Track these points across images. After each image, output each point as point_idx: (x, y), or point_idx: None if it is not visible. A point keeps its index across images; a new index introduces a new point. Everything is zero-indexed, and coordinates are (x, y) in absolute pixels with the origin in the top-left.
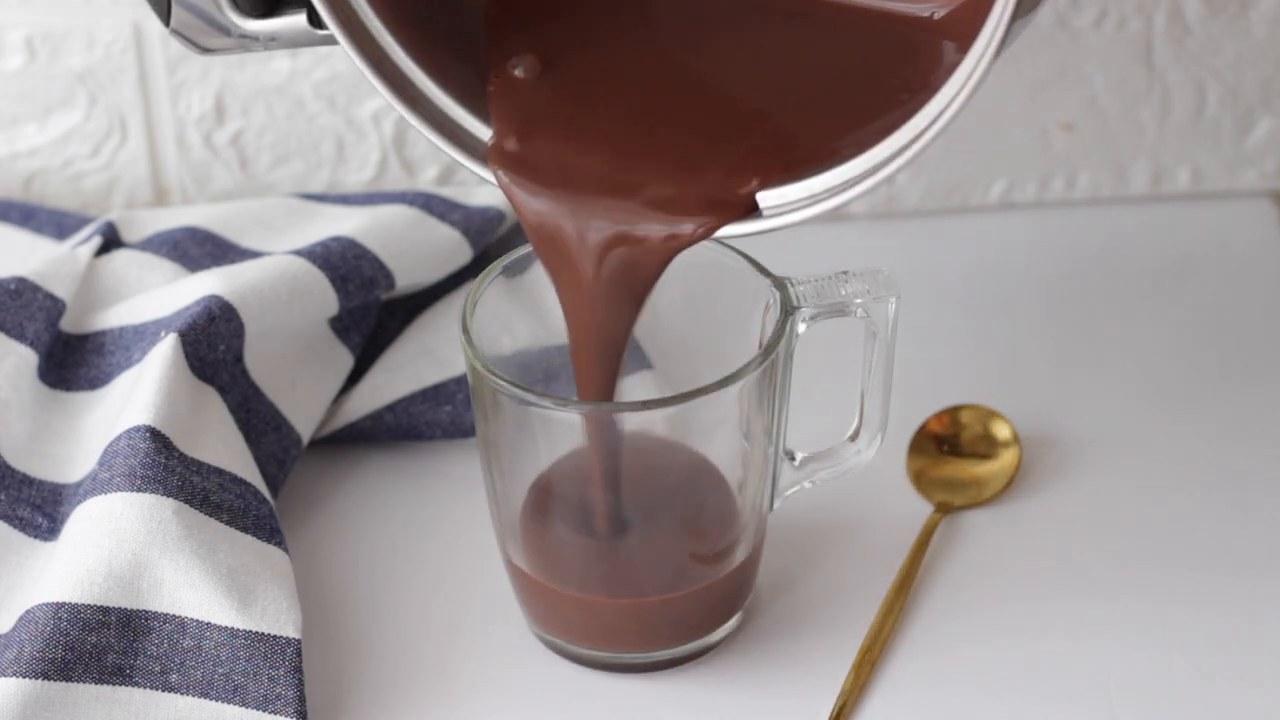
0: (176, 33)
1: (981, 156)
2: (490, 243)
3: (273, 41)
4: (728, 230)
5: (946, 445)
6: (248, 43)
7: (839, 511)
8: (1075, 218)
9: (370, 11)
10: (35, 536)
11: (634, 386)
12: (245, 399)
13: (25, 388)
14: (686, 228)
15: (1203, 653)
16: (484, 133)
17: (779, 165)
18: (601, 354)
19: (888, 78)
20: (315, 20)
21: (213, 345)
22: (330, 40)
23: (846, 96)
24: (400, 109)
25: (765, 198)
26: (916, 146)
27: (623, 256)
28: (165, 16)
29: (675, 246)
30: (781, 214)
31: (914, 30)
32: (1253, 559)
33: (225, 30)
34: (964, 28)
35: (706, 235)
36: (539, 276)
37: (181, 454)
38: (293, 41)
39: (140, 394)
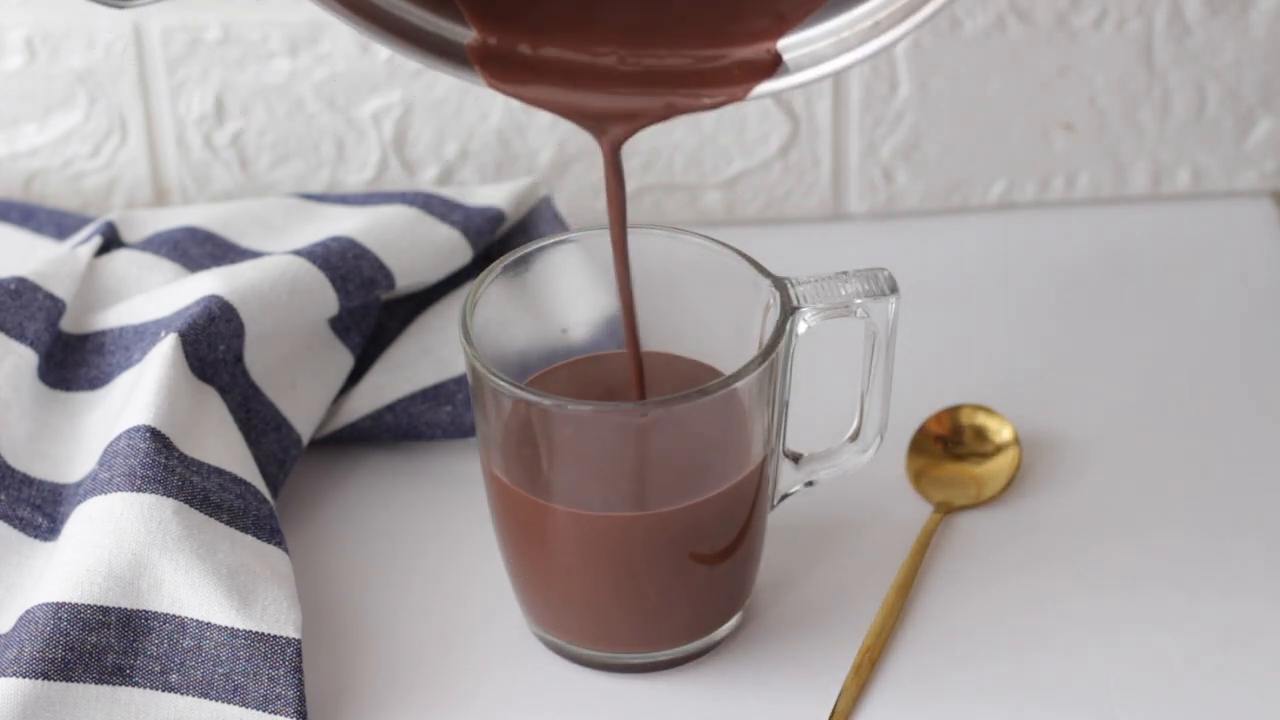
0: None
1: (981, 156)
2: (490, 243)
3: None
4: (761, 89)
5: (946, 445)
6: None
7: (839, 511)
8: (1075, 218)
9: None
10: (35, 536)
11: None
12: (245, 399)
13: (25, 388)
14: (717, 98)
15: (1203, 652)
16: (459, 34)
17: (788, 10)
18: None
19: None
20: None
21: (213, 345)
22: None
23: None
24: (359, 27)
25: (788, 48)
26: None
27: (645, 121)
28: None
29: (705, 109)
30: (812, 66)
31: None
32: (1253, 559)
33: None
34: None
35: (735, 100)
36: (539, 276)
37: (181, 454)
38: None
39: (140, 394)
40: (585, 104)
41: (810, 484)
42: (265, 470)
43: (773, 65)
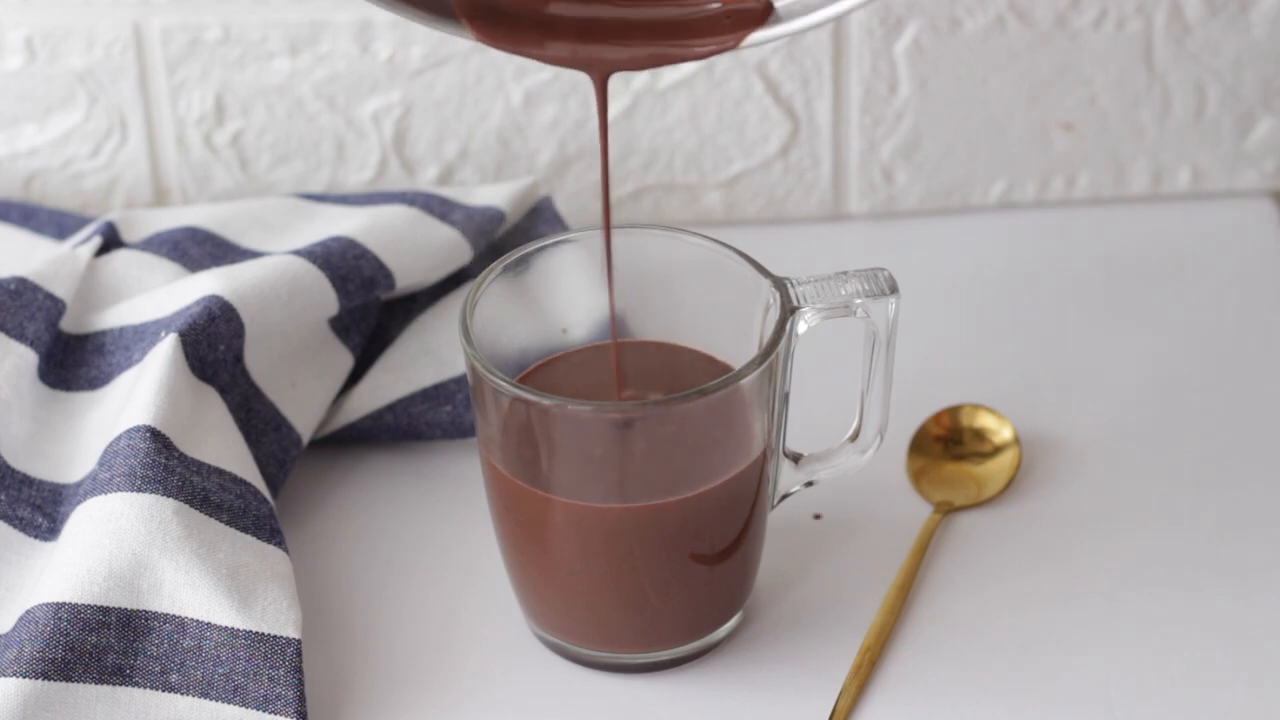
0: None
1: (981, 156)
2: (490, 243)
3: None
4: (754, 38)
5: (946, 445)
6: None
7: (839, 511)
8: (1075, 218)
9: None
10: (35, 536)
11: None
12: (245, 399)
13: (25, 388)
14: (708, 46)
15: (1202, 653)
16: None
17: None
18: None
19: None
20: None
21: (213, 345)
22: None
23: None
24: None
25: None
26: None
27: (636, 69)
28: None
29: (701, 58)
30: (804, 14)
31: None
32: (1252, 559)
33: None
34: None
35: (727, 50)
36: (539, 276)
37: (181, 454)
38: None
39: (140, 394)
40: (576, 56)
41: (810, 484)
42: (265, 470)
43: (764, 14)
